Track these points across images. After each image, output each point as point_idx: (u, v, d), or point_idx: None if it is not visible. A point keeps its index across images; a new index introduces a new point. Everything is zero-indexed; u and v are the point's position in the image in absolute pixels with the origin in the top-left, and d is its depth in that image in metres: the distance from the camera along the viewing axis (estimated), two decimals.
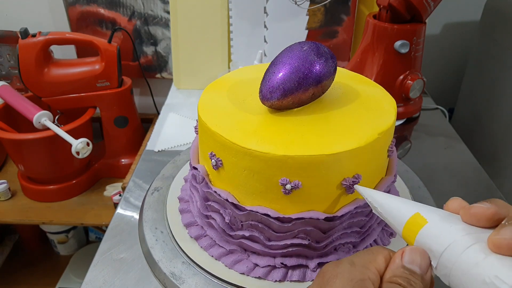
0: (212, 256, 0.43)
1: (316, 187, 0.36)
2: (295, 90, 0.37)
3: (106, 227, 0.53)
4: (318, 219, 0.37)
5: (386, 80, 0.71)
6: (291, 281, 0.40)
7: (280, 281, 0.40)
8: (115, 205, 0.91)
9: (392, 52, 0.70)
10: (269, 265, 0.40)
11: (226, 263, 0.41)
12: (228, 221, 0.40)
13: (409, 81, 0.71)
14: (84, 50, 1.03)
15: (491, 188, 0.61)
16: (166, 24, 0.99)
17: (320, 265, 0.40)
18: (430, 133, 0.75)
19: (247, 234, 0.40)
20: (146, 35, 1.01)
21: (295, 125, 0.38)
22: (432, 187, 0.54)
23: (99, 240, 1.22)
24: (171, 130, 0.75)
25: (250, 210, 0.38)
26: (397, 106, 0.74)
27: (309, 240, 0.39)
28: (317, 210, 0.37)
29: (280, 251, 0.40)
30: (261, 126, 0.38)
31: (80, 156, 0.80)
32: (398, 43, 0.68)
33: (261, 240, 0.39)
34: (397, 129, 0.75)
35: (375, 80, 0.71)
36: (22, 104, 0.85)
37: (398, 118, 0.75)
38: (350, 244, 0.41)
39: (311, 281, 0.40)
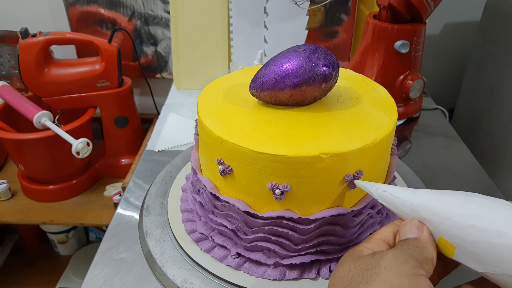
0: (217, 258, 0.43)
1: (320, 185, 0.36)
2: (271, 87, 0.39)
3: (106, 227, 0.53)
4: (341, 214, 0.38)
5: (386, 80, 0.71)
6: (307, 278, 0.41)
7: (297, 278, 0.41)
8: (115, 205, 0.91)
9: (392, 52, 0.70)
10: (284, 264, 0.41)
11: (232, 265, 0.41)
12: (239, 229, 0.40)
13: (409, 81, 0.71)
14: (84, 50, 1.03)
15: (491, 188, 0.61)
16: (166, 24, 0.99)
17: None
18: (430, 133, 0.75)
19: (262, 239, 0.40)
20: (146, 35, 1.01)
21: (298, 125, 0.38)
22: (432, 187, 0.54)
23: (99, 240, 1.22)
24: (171, 130, 0.75)
25: (269, 217, 0.38)
26: (397, 106, 0.74)
27: (334, 236, 0.40)
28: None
29: (309, 250, 0.40)
30: (268, 127, 0.38)
31: (80, 156, 0.80)
32: (398, 43, 0.68)
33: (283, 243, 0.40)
34: (397, 129, 0.75)
35: (375, 80, 0.71)
36: (22, 104, 0.85)
37: (398, 118, 0.75)
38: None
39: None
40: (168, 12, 0.97)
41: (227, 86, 0.46)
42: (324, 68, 0.37)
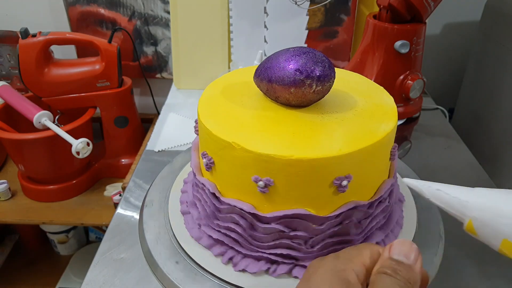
0: (222, 261, 0.43)
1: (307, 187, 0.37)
2: (263, 79, 0.40)
3: (106, 227, 0.53)
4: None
5: (386, 80, 0.72)
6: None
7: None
8: (115, 205, 0.91)
9: (392, 52, 0.70)
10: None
11: (236, 266, 0.41)
12: (247, 233, 0.40)
13: (409, 81, 0.71)
14: (84, 50, 1.03)
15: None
16: (166, 24, 0.99)
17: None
18: (430, 133, 0.75)
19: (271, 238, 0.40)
20: (146, 35, 1.01)
21: (292, 125, 0.38)
22: None
23: (99, 240, 1.22)
24: (171, 130, 0.75)
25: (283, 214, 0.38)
26: (397, 106, 0.74)
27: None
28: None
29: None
30: (266, 127, 0.38)
31: (80, 156, 0.80)
32: (398, 43, 0.68)
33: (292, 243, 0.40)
34: (397, 129, 0.75)
35: (375, 80, 0.71)
36: (22, 104, 0.85)
37: (398, 118, 0.75)
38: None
39: None
40: (168, 12, 0.97)
41: (228, 85, 0.46)
42: (317, 71, 0.37)
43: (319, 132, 0.37)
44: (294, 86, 0.38)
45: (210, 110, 0.41)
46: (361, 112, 0.41)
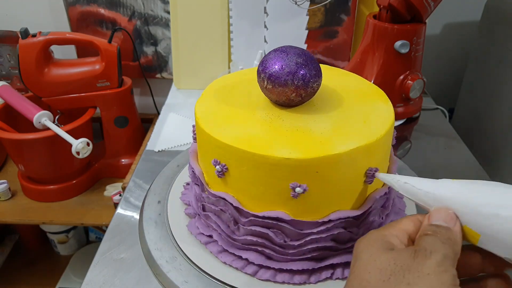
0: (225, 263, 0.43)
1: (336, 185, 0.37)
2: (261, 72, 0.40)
3: (106, 227, 0.53)
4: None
5: (386, 80, 0.72)
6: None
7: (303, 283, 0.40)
8: (115, 205, 0.91)
9: (392, 52, 0.70)
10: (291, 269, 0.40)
11: (238, 267, 0.41)
12: (280, 242, 0.40)
13: (409, 81, 0.71)
14: (84, 50, 1.03)
15: None
16: (166, 24, 0.99)
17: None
18: (430, 133, 0.75)
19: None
20: (146, 35, 1.01)
21: (292, 126, 0.38)
22: None
23: (99, 240, 1.22)
24: (171, 130, 0.75)
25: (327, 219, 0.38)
26: (397, 106, 0.74)
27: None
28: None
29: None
30: (266, 130, 0.38)
31: (80, 156, 0.80)
32: (398, 43, 0.68)
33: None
34: (397, 129, 0.75)
35: (375, 80, 0.71)
36: (22, 104, 0.85)
37: (398, 118, 0.75)
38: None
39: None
40: (168, 12, 0.97)
41: (226, 88, 0.46)
42: (302, 72, 0.38)
43: (328, 128, 0.37)
44: (280, 86, 0.38)
45: (215, 119, 0.40)
46: (357, 104, 0.41)
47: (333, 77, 0.47)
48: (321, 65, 0.42)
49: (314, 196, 0.36)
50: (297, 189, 0.35)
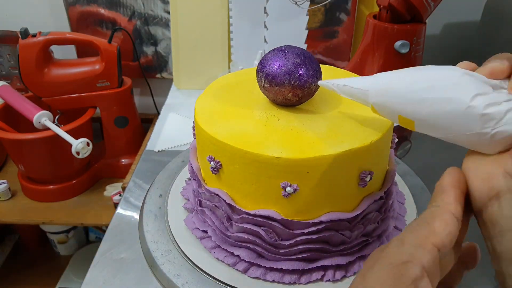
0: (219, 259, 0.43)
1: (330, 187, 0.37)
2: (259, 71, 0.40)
3: (106, 227, 0.53)
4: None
5: None
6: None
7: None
8: (115, 205, 0.91)
9: (392, 52, 0.70)
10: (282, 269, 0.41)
11: (239, 268, 0.41)
12: (273, 240, 0.40)
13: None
14: (84, 50, 1.03)
15: None
16: (166, 24, 0.99)
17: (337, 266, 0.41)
18: None
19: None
20: (146, 35, 1.01)
21: (291, 126, 0.38)
22: (432, 187, 0.54)
23: (99, 240, 1.22)
24: (171, 130, 0.75)
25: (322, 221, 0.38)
26: None
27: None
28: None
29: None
30: (265, 130, 0.38)
31: (80, 156, 0.80)
32: (398, 43, 0.68)
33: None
34: (397, 129, 0.75)
35: None
36: (22, 104, 0.85)
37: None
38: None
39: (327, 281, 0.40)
40: (168, 12, 0.97)
41: (227, 86, 0.46)
42: (299, 72, 0.38)
43: (323, 129, 0.37)
44: (277, 85, 0.38)
45: (212, 116, 0.41)
46: (355, 107, 0.41)
47: (333, 77, 0.47)
48: (322, 65, 0.42)
49: (305, 197, 0.36)
50: (288, 189, 0.35)
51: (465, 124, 0.24)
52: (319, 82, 0.36)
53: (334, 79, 0.34)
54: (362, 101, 0.31)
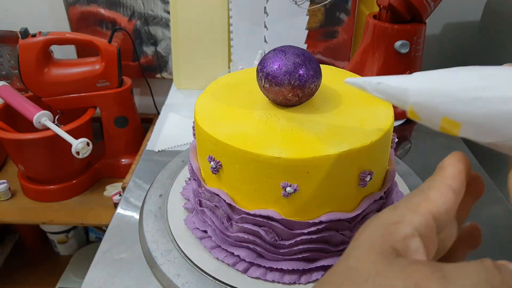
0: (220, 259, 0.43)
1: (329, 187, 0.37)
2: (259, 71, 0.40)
3: (106, 227, 0.53)
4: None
5: None
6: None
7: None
8: (115, 205, 0.91)
9: (392, 52, 0.70)
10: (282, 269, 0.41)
11: (240, 268, 0.41)
12: (273, 240, 0.40)
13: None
14: (84, 50, 1.03)
15: (491, 187, 0.61)
16: (166, 24, 0.99)
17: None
18: (430, 133, 0.75)
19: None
20: (146, 35, 1.01)
21: (292, 125, 0.38)
22: None
23: (99, 240, 1.22)
24: (171, 130, 0.75)
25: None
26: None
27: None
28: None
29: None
30: (264, 130, 0.38)
31: (80, 156, 0.80)
32: (398, 43, 0.68)
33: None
34: (397, 129, 0.75)
35: None
36: (22, 104, 0.85)
37: (398, 118, 0.75)
38: None
39: None
40: (168, 12, 0.97)
41: (227, 86, 0.46)
42: (299, 72, 0.38)
43: (323, 129, 0.37)
44: (277, 85, 0.38)
45: (212, 116, 0.41)
46: (357, 105, 0.41)
47: (334, 77, 0.47)
48: (322, 65, 0.42)
49: (306, 197, 0.36)
50: (288, 189, 0.35)
51: None
52: (347, 80, 0.32)
53: (363, 77, 0.31)
54: (399, 101, 0.27)
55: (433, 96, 0.25)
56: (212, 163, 0.38)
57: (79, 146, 0.79)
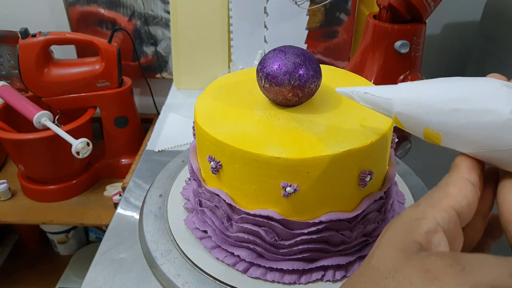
0: (218, 258, 0.43)
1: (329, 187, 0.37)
2: (259, 71, 0.40)
3: (106, 227, 0.53)
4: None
5: (387, 80, 0.71)
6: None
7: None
8: (115, 205, 0.91)
9: (392, 52, 0.70)
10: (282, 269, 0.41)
11: (240, 269, 0.41)
12: (272, 240, 0.40)
13: (409, 81, 0.71)
14: (84, 50, 1.03)
15: None
16: (166, 24, 0.99)
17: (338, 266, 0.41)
18: None
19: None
20: (146, 35, 1.01)
21: (292, 125, 0.38)
22: (432, 187, 0.54)
23: (99, 240, 1.22)
24: (171, 130, 0.75)
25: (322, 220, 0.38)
26: None
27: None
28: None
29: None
30: (265, 130, 0.38)
31: (80, 156, 0.80)
32: (398, 43, 0.68)
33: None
34: (397, 129, 0.75)
35: (375, 80, 0.71)
36: (22, 104, 0.85)
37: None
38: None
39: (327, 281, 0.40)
40: (168, 12, 0.97)
41: (227, 86, 0.46)
42: (299, 72, 0.38)
43: (323, 129, 0.37)
44: (277, 85, 0.38)
45: (212, 116, 0.41)
46: (355, 106, 0.41)
47: (334, 77, 0.47)
48: (322, 65, 0.42)
49: (306, 197, 0.36)
50: (288, 189, 0.35)
51: (502, 138, 0.22)
52: (337, 90, 0.34)
53: (352, 86, 0.32)
54: (384, 110, 0.29)
55: (415, 107, 0.26)
56: (212, 163, 0.38)
57: (79, 146, 0.79)
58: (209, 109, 0.41)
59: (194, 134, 0.45)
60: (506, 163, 0.23)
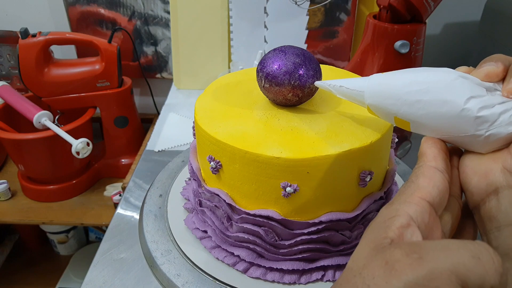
0: (218, 258, 0.43)
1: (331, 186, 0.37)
2: (259, 71, 0.40)
3: (106, 227, 0.53)
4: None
5: None
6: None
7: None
8: (115, 205, 0.91)
9: (392, 52, 0.70)
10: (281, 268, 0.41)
11: (240, 268, 0.41)
12: (273, 240, 0.40)
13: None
14: (84, 50, 1.03)
15: None
16: (166, 24, 0.99)
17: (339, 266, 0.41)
18: None
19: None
20: (146, 35, 1.01)
21: (292, 125, 0.38)
22: None
23: (99, 240, 1.22)
24: (171, 130, 0.75)
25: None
26: None
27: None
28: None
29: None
30: (263, 129, 0.38)
31: (80, 156, 0.80)
32: (398, 43, 0.68)
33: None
34: (397, 129, 0.75)
35: None
36: (22, 104, 0.85)
37: None
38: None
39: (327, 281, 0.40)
40: (168, 12, 0.97)
41: (227, 86, 0.46)
42: (299, 72, 0.38)
43: (323, 129, 0.37)
44: (277, 85, 0.38)
45: (212, 116, 0.41)
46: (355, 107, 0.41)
47: (334, 77, 0.46)
48: (322, 65, 0.42)
49: (306, 197, 0.36)
50: (288, 189, 0.35)
51: (460, 126, 0.24)
52: (316, 83, 0.36)
53: (331, 79, 0.34)
54: (358, 102, 0.31)
55: (384, 98, 0.28)
56: (212, 163, 0.38)
57: (79, 146, 0.79)
58: (209, 109, 0.41)
59: (194, 134, 0.45)
60: (467, 145, 0.26)
